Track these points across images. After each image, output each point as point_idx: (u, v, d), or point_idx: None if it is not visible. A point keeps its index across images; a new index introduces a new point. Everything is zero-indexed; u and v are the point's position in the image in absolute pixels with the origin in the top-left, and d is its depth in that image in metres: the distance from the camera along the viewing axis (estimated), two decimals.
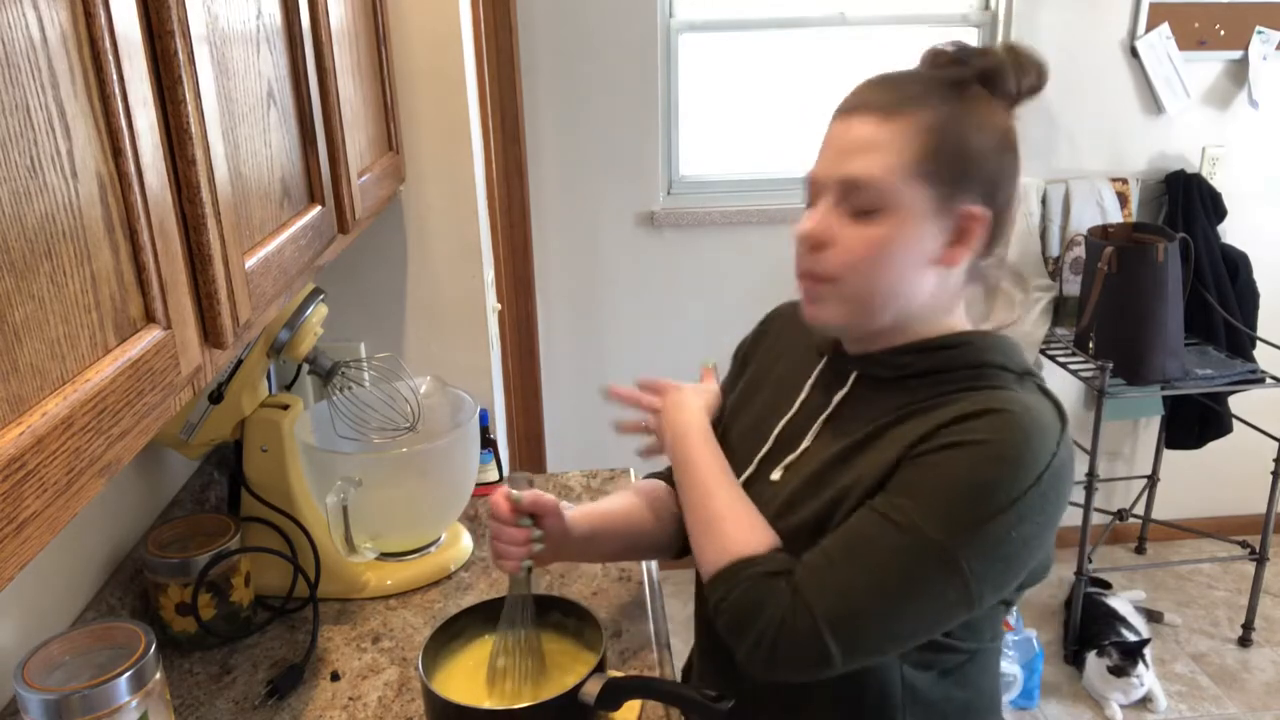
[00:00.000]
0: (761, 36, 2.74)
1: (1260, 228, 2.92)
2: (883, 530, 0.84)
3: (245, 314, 0.80)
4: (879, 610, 0.84)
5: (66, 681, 0.89)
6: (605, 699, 0.93)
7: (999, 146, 0.89)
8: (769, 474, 0.99)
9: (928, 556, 0.83)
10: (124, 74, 0.60)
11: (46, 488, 0.51)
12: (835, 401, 0.97)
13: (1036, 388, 0.92)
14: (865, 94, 0.91)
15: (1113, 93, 2.76)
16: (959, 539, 0.82)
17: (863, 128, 0.89)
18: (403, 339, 1.79)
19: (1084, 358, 2.58)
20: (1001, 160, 0.90)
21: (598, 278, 2.85)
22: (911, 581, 0.84)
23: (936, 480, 0.84)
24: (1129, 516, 3.12)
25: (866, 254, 0.88)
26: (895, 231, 0.88)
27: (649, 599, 1.35)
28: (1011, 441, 0.83)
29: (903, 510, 0.84)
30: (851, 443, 0.93)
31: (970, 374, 0.91)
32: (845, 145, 0.89)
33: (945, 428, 0.86)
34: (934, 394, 0.91)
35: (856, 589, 0.84)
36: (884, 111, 0.88)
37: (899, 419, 0.91)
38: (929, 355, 0.93)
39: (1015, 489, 0.82)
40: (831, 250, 0.90)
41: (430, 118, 1.64)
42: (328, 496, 1.28)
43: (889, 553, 0.84)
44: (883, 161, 0.87)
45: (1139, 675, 2.44)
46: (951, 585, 0.83)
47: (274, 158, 0.93)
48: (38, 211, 0.52)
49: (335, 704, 1.17)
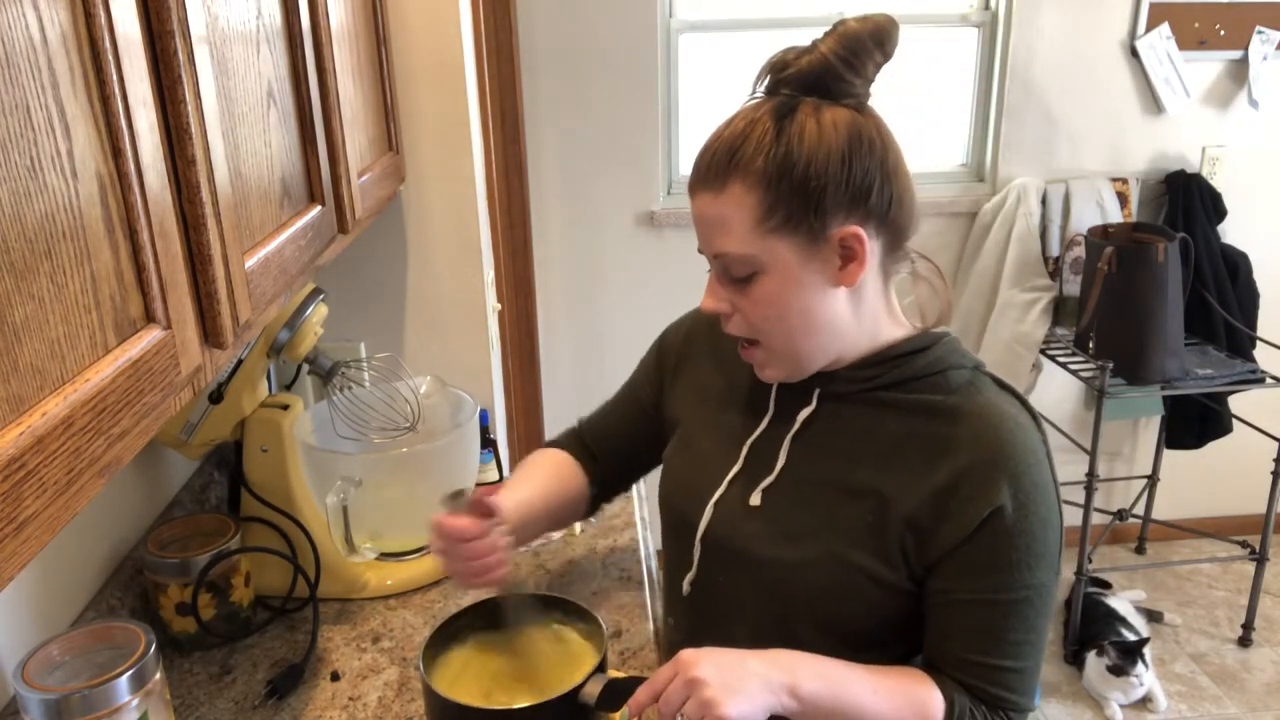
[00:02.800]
0: (761, 36, 2.74)
1: (1260, 228, 2.92)
2: (1020, 610, 0.90)
3: (245, 314, 0.80)
4: (1040, 657, 0.94)
5: (66, 681, 0.89)
6: (606, 699, 0.93)
7: (846, 154, 0.85)
8: (745, 496, 0.98)
9: (1050, 594, 0.92)
10: (124, 74, 0.60)
11: (46, 488, 0.51)
12: (801, 419, 0.97)
13: (992, 381, 0.95)
14: (697, 168, 0.91)
15: (1113, 93, 2.76)
16: (1056, 563, 0.91)
17: (704, 205, 0.89)
18: (403, 339, 1.79)
19: (1084, 358, 2.58)
20: (854, 166, 0.85)
21: (598, 278, 2.85)
22: (1049, 616, 0.93)
23: (1024, 543, 0.88)
24: (1129, 516, 3.12)
25: (765, 314, 0.90)
26: (780, 286, 0.88)
27: (649, 599, 1.35)
28: (1038, 470, 0.89)
29: (1020, 583, 0.89)
30: (842, 475, 0.94)
31: (937, 379, 0.93)
32: (700, 223, 0.91)
33: (976, 487, 0.88)
34: (913, 413, 0.92)
35: (1030, 668, 0.92)
36: (714, 185, 0.88)
37: (890, 454, 0.92)
38: (889, 368, 0.94)
39: (1054, 495, 0.91)
40: (737, 315, 0.92)
41: (430, 118, 1.64)
42: (328, 496, 1.28)
43: (1035, 619, 0.91)
44: (732, 234, 0.87)
45: (1138, 675, 2.44)
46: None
47: (274, 158, 0.93)
48: (38, 211, 0.51)
49: (335, 704, 1.17)
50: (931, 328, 0.97)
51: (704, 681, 0.82)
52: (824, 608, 0.94)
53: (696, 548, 1.02)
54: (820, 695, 0.85)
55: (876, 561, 0.91)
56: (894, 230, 0.90)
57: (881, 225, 0.88)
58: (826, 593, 0.93)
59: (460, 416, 1.47)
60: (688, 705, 0.82)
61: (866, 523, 0.91)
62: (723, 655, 0.86)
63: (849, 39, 0.86)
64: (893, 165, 0.88)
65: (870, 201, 0.86)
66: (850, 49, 0.86)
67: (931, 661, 0.94)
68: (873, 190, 0.86)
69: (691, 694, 0.82)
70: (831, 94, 0.87)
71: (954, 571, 0.90)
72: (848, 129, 0.85)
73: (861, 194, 0.86)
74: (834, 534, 0.92)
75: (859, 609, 0.93)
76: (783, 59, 0.89)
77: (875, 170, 0.86)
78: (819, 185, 0.84)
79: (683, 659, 0.85)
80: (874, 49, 0.86)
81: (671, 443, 1.12)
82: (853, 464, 0.93)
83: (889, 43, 0.87)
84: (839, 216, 0.86)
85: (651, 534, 1.55)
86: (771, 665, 0.86)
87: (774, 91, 0.89)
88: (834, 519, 0.93)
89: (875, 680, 0.89)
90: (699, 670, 0.83)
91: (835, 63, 0.86)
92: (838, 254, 0.87)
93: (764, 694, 0.83)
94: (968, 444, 0.89)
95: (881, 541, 0.91)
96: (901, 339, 0.95)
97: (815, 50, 0.87)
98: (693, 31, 2.71)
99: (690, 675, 0.83)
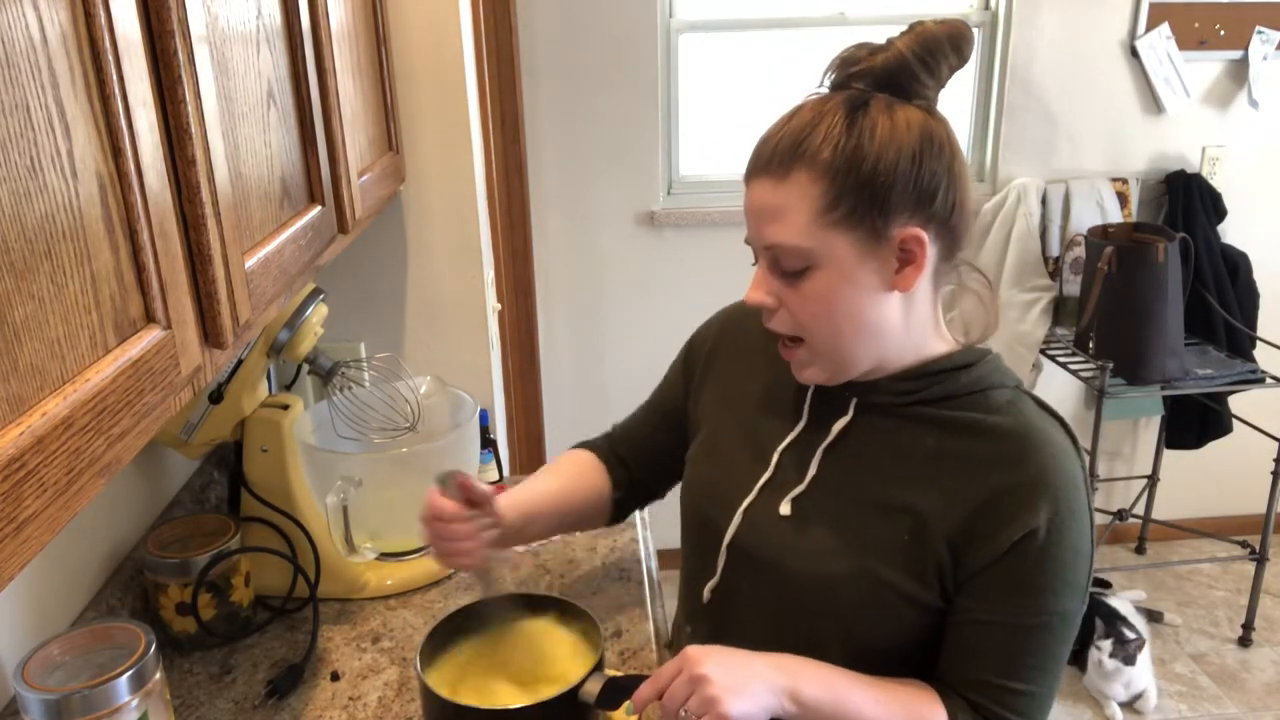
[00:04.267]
0: (761, 36, 2.74)
1: (1260, 228, 2.92)
2: (1041, 635, 0.88)
3: (245, 314, 0.80)
4: (1056, 685, 0.92)
5: (66, 681, 0.89)
6: (605, 698, 0.93)
7: (917, 154, 0.83)
8: (775, 504, 0.96)
9: (1074, 623, 0.90)
10: (124, 74, 0.60)
11: (46, 488, 0.51)
12: (836, 430, 0.95)
13: (1033, 402, 0.92)
14: (759, 155, 0.87)
15: (1113, 93, 2.76)
16: (1084, 591, 0.90)
17: (763, 193, 0.86)
18: (403, 339, 1.79)
19: (1084, 358, 2.58)
20: (924, 167, 0.84)
21: (598, 278, 2.85)
22: (1070, 644, 0.91)
23: (1054, 568, 0.87)
24: (1129, 516, 3.12)
25: (814, 311, 0.87)
26: (833, 283, 0.86)
27: (649, 599, 1.35)
28: (1075, 497, 0.87)
29: (1045, 608, 0.87)
30: (877, 490, 0.91)
31: (979, 398, 0.91)
32: (755, 212, 0.88)
33: (1015, 508, 0.86)
34: (953, 430, 0.90)
35: (1043, 694, 0.90)
36: (776, 173, 0.85)
37: (928, 472, 0.90)
38: (931, 382, 0.91)
39: (1090, 524, 0.89)
40: (783, 311, 0.89)
41: (430, 118, 1.64)
42: (328, 496, 1.28)
43: (1056, 646, 0.89)
44: (790, 224, 0.84)
45: (1130, 670, 2.44)
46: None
47: (274, 158, 0.93)
48: (38, 211, 0.51)
49: (335, 704, 1.17)
50: (975, 343, 0.95)
51: (708, 679, 0.82)
52: (854, 625, 0.92)
53: (722, 555, 0.99)
54: (821, 701, 0.85)
55: (910, 580, 0.89)
56: (953, 237, 0.88)
57: (942, 230, 0.87)
58: (857, 610, 0.91)
59: (460, 416, 1.47)
60: (690, 701, 0.82)
61: (903, 541, 0.89)
62: (729, 655, 0.86)
63: (927, 39, 0.84)
64: (959, 171, 0.86)
65: (935, 205, 0.85)
66: (927, 49, 0.84)
67: (943, 678, 0.92)
68: (938, 193, 0.85)
69: (695, 691, 0.82)
70: (904, 93, 0.85)
71: (980, 591, 0.88)
72: (920, 129, 0.84)
73: (927, 196, 0.84)
74: (868, 550, 0.90)
75: (891, 627, 0.91)
76: (854, 54, 0.87)
77: (943, 173, 0.85)
78: (887, 182, 0.82)
79: (689, 655, 0.85)
80: (950, 52, 0.85)
81: (695, 444, 1.09)
82: (888, 480, 0.91)
83: (966, 47, 0.85)
84: (902, 216, 0.84)
85: (652, 534, 1.55)
86: (776, 668, 0.86)
87: (843, 85, 0.87)
88: (868, 535, 0.91)
89: (878, 692, 0.88)
90: (704, 668, 0.83)
91: (912, 61, 0.84)
92: (896, 255, 0.85)
93: (766, 696, 0.83)
94: (1009, 464, 0.87)
95: (917, 560, 0.89)
96: (944, 354, 0.93)
97: (892, 47, 0.85)
98: (693, 31, 2.71)
99: (695, 672, 0.83)
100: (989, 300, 0.97)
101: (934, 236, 0.86)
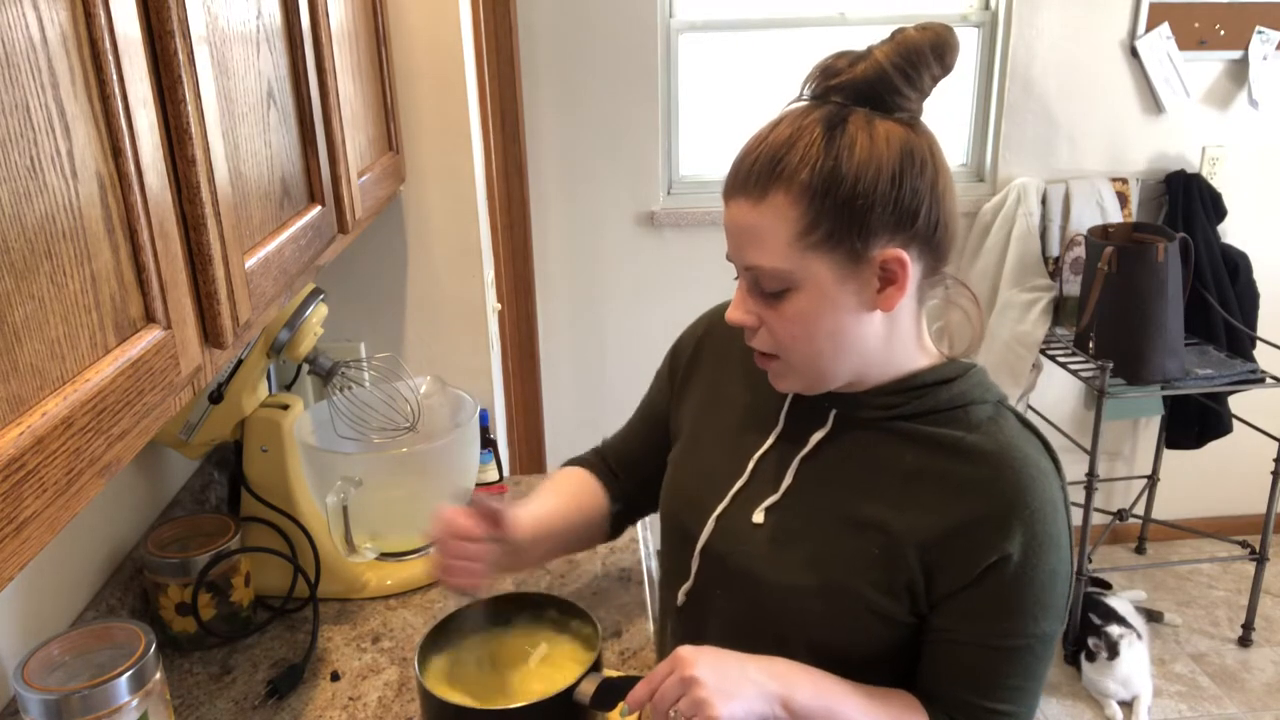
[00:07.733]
0: (761, 36, 2.74)
1: (1260, 228, 2.92)
2: (1020, 657, 0.88)
3: (245, 314, 0.80)
4: (1035, 703, 0.93)
5: (66, 681, 0.89)
6: (600, 698, 0.93)
7: (897, 173, 0.81)
8: (748, 512, 0.96)
9: (1053, 643, 0.90)
10: (124, 74, 0.60)
11: (46, 488, 0.51)
12: (814, 441, 0.94)
13: (1015, 419, 0.91)
14: (736, 173, 0.85)
15: (1113, 93, 2.76)
16: (1062, 613, 0.90)
17: (741, 214, 0.84)
18: (403, 339, 1.79)
19: (1084, 358, 2.58)
20: (904, 186, 0.81)
21: (598, 278, 2.85)
22: (1050, 662, 0.92)
23: (1031, 593, 0.86)
24: (1129, 516, 3.12)
25: (794, 332, 0.86)
26: (813, 304, 0.84)
27: (649, 599, 1.36)
28: (1052, 520, 0.86)
29: (1022, 631, 0.87)
30: (851, 505, 0.91)
31: (959, 414, 0.90)
32: (734, 232, 0.86)
33: (990, 532, 0.85)
34: (932, 448, 0.89)
35: (1023, 712, 0.91)
36: (753, 194, 0.83)
37: (903, 489, 0.89)
38: (911, 397, 0.90)
39: (1068, 546, 0.88)
40: (763, 329, 0.88)
41: (430, 118, 1.64)
42: (328, 496, 1.28)
43: (1035, 665, 0.89)
44: (768, 247, 0.83)
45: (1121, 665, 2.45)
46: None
47: (274, 158, 0.93)
48: (38, 212, 0.52)
49: (335, 704, 1.17)
50: (959, 357, 0.94)
51: (699, 681, 0.82)
52: (822, 635, 0.91)
53: (695, 559, 0.99)
54: (812, 710, 0.85)
55: (879, 594, 0.88)
56: (936, 255, 0.86)
57: (925, 249, 0.84)
58: (824, 620, 0.91)
59: (460, 416, 1.47)
60: (681, 702, 0.82)
61: (873, 555, 0.88)
62: (722, 657, 0.85)
63: (907, 48, 0.81)
64: (942, 188, 0.84)
65: (917, 224, 0.82)
66: (908, 59, 0.81)
67: (925, 693, 0.92)
68: (920, 212, 0.82)
69: (686, 692, 0.82)
70: (885, 106, 0.83)
71: (956, 613, 0.88)
72: (900, 146, 0.81)
73: (909, 215, 0.82)
74: (838, 564, 0.90)
75: (857, 638, 0.91)
76: (834, 64, 0.84)
77: (925, 192, 0.82)
78: (866, 203, 0.80)
79: (681, 656, 0.84)
80: (933, 61, 0.82)
81: (676, 448, 1.09)
82: (862, 494, 0.90)
83: (950, 56, 0.82)
84: (883, 238, 0.82)
85: (651, 534, 1.55)
86: (769, 674, 0.85)
87: (823, 98, 0.85)
88: (839, 548, 0.90)
89: (869, 703, 0.88)
90: (695, 669, 0.82)
91: (892, 73, 0.81)
92: (877, 276, 0.83)
93: (758, 701, 0.83)
94: (985, 486, 0.85)
95: (887, 575, 0.88)
96: (927, 368, 0.91)
97: (870, 57, 0.82)
98: (693, 31, 2.71)
99: (686, 673, 0.82)
100: (975, 315, 0.95)
101: (916, 255, 0.84)
